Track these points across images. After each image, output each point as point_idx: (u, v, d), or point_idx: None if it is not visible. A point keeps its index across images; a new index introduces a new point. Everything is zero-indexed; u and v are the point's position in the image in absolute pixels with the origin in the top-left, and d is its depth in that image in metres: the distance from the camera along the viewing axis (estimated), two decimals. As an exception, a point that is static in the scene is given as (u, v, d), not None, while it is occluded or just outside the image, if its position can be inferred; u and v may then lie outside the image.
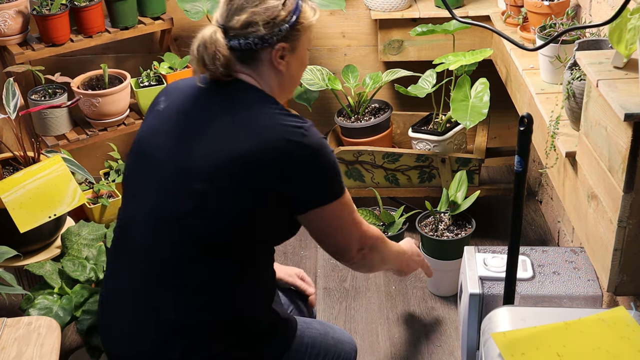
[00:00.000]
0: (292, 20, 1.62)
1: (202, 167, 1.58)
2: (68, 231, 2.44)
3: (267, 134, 1.57)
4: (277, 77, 1.67)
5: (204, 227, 1.58)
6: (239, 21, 1.59)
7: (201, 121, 1.63)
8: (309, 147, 1.58)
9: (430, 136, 2.97)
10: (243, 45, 1.61)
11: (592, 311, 1.73)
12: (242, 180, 1.56)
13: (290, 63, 1.67)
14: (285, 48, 1.64)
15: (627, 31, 1.55)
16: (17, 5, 2.90)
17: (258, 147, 1.56)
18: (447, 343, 2.64)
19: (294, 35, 1.64)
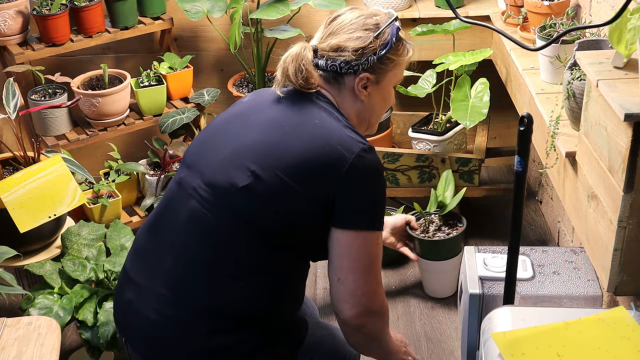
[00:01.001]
0: (381, 53, 1.68)
1: (263, 152, 1.63)
2: (68, 231, 2.44)
3: (332, 140, 1.60)
4: (357, 105, 1.72)
5: (250, 208, 1.61)
6: (330, 44, 1.67)
7: (274, 115, 1.68)
8: (369, 164, 1.61)
9: (430, 136, 2.97)
10: (329, 66, 1.67)
11: (592, 311, 1.73)
12: (295, 175, 1.59)
13: (373, 95, 1.72)
14: (370, 79, 1.69)
15: (627, 31, 1.55)
16: (17, 5, 2.90)
17: (321, 150, 1.60)
18: (447, 343, 2.64)
19: (381, 68, 1.69)
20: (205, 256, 1.64)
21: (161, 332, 1.65)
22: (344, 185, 1.58)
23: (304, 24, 3.26)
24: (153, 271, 1.69)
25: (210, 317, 1.63)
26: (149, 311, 1.67)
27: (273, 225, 1.61)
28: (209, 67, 3.43)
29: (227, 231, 1.62)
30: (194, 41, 3.39)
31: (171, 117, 3.01)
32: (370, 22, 1.69)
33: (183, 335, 1.63)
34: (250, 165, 1.61)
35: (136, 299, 1.70)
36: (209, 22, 3.16)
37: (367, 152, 1.61)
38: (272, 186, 1.59)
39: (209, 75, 3.45)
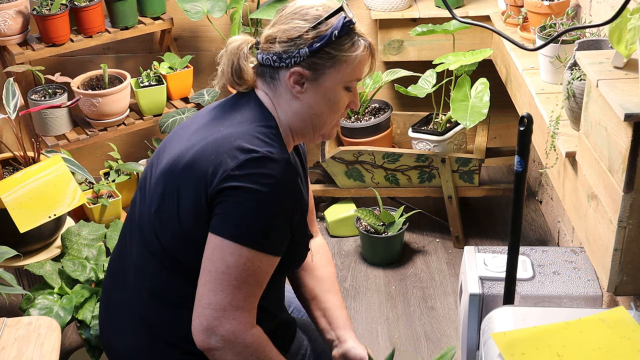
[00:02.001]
0: (314, 46, 1.51)
1: (162, 167, 1.57)
2: (68, 231, 2.44)
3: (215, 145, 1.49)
4: (294, 105, 1.57)
5: (162, 230, 1.55)
6: (265, 35, 1.55)
7: (194, 126, 1.60)
8: (254, 174, 1.46)
9: (430, 136, 2.97)
10: (263, 60, 1.55)
11: (592, 311, 1.73)
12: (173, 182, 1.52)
13: (309, 93, 1.55)
14: (303, 75, 1.53)
15: (627, 31, 1.55)
16: (17, 5, 2.90)
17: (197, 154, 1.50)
18: (447, 343, 2.64)
19: (318, 63, 1.53)
20: (157, 290, 1.60)
21: (135, 356, 1.65)
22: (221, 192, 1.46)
23: (304, 24, 3.26)
24: (122, 296, 1.68)
25: (182, 341, 1.59)
26: (124, 337, 1.66)
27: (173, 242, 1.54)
28: (209, 67, 3.43)
29: (166, 265, 1.57)
30: (194, 41, 3.39)
31: (171, 117, 3.01)
32: (312, 13, 1.52)
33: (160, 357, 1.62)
34: (157, 186, 1.56)
35: (112, 323, 1.71)
36: (209, 22, 3.16)
37: (256, 162, 1.45)
38: (167, 201, 1.53)
39: (209, 75, 3.44)
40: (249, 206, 1.44)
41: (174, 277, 1.57)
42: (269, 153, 1.47)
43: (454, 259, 3.05)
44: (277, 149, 1.50)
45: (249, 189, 1.44)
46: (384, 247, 3.00)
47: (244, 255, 1.45)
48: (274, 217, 1.47)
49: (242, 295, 1.46)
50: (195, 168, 1.49)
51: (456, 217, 3.06)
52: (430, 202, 3.33)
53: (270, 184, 1.45)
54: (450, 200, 3.03)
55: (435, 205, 3.29)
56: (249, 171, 1.45)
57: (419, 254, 3.09)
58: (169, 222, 1.53)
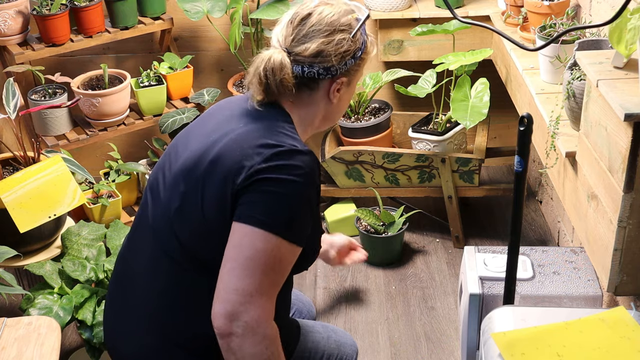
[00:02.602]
0: (358, 55, 1.60)
1: (180, 166, 1.59)
2: (68, 231, 2.44)
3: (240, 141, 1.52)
4: (326, 107, 1.64)
5: (182, 227, 1.56)
6: (307, 49, 1.55)
7: (212, 124, 1.62)
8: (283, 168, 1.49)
9: (430, 136, 2.97)
10: (307, 73, 1.56)
11: (592, 311, 1.73)
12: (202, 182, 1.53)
13: (343, 96, 1.65)
14: (344, 82, 1.61)
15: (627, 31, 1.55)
16: (17, 5, 2.90)
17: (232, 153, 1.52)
18: (447, 343, 2.64)
19: (355, 70, 1.62)
20: (171, 290, 1.60)
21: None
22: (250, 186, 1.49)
23: (304, 24, 3.26)
24: (131, 299, 1.68)
25: (190, 342, 1.60)
26: (131, 340, 1.67)
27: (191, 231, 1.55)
28: (209, 67, 3.43)
29: (183, 264, 1.58)
30: (194, 41, 3.39)
31: (171, 117, 3.01)
32: (344, 22, 1.57)
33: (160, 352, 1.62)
34: (179, 186, 1.57)
35: (119, 326, 1.71)
36: (209, 22, 3.16)
37: (282, 155, 1.49)
38: (191, 200, 1.54)
39: (209, 75, 3.45)
40: (277, 196, 1.47)
41: (192, 276, 1.58)
42: (293, 146, 1.51)
43: (454, 259, 3.05)
44: (299, 142, 1.55)
45: (277, 179, 1.47)
46: (384, 247, 3.00)
47: (272, 242, 1.46)
48: (301, 207, 1.50)
49: (268, 282, 1.47)
50: (220, 164, 1.52)
51: (456, 217, 3.06)
52: (430, 202, 3.33)
53: (298, 174, 1.49)
54: (450, 200, 3.03)
55: (435, 205, 3.29)
56: (276, 163, 1.48)
57: (419, 254, 3.09)
58: (192, 219, 1.55)
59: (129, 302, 1.68)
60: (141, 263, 1.65)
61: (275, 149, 1.49)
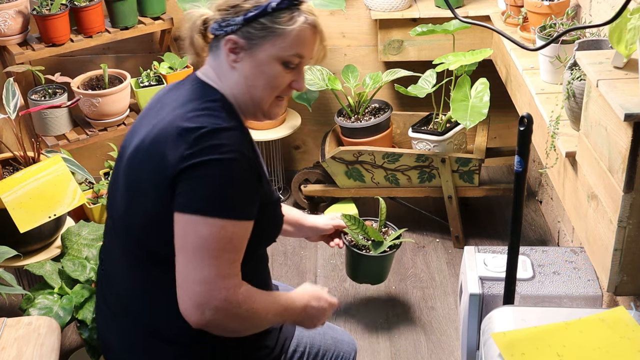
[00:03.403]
0: (249, 15, 1.50)
1: (123, 164, 1.59)
2: (68, 231, 2.43)
3: (164, 133, 1.50)
4: (231, 74, 1.56)
5: (134, 225, 1.56)
6: (214, 5, 1.56)
7: (143, 117, 1.62)
8: (206, 147, 1.46)
9: (430, 136, 2.97)
10: (210, 29, 1.56)
11: (592, 311, 1.73)
12: (132, 173, 1.54)
13: (245, 63, 1.53)
14: (238, 43, 1.52)
15: (627, 31, 1.55)
16: (17, 5, 2.90)
17: (150, 138, 1.52)
18: (447, 343, 2.64)
19: (252, 33, 1.51)
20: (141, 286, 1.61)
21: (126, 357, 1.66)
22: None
23: (304, 24, 3.26)
24: (108, 294, 1.69)
25: (172, 335, 1.59)
26: (113, 337, 1.68)
27: (141, 227, 1.55)
28: (209, 67, 3.43)
29: (144, 260, 1.58)
30: (194, 41, 3.38)
31: (171, 117, 3.01)
32: None
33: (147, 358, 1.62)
34: (124, 184, 1.57)
35: (104, 324, 1.72)
36: (209, 22, 3.15)
37: (206, 136, 1.46)
38: (130, 194, 1.55)
39: (209, 75, 3.45)
40: (209, 178, 1.44)
41: (155, 271, 1.57)
42: (216, 125, 1.47)
43: (454, 259, 3.05)
44: (224, 119, 1.50)
45: (204, 162, 1.44)
46: (363, 266, 2.36)
47: (216, 225, 1.44)
48: (236, 182, 1.46)
49: (225, 262, 1.46)
50: (149, 160, 1.50)
51: (456, 217, 3.06)
52: (430, 202, 3.33)
53: (224, 151, 1.45)
54: (450, 200, 3.03)
55: (435, 205, 3.29)
56: (202, 146, 1.45)
57: (419, 254, 3.09)
58: (139, 216, 1.54)
59: (108, 301, 1.69)
60: (112, 263, 1.67)
61: (197, 132, 1.46)
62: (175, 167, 1.45)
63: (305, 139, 3.59)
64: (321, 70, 3.09)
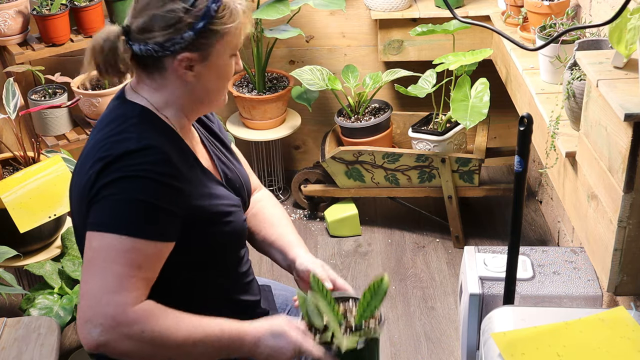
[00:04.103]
0: (198, 27, 1.42)
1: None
2: (68, 231, 2.44)
3: (84, 161, 1.49)
4: (186, 88, 1.49)
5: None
6: (137, 25, 1.43)
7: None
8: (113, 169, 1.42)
9: (430, 136, 2.97)
10: (143, 51, 1.44)
11: (592, 311, 1.73)
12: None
13: (202, 74, 1.48)
14: (192, 59, 1.45)
15: (627, 31, 1.55)
16: (17, 5, 2.90)
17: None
18: (447, 343, 2.64)
19: (204, 44, 1.45)
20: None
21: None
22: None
23: (304, 24, 3.26)
24: None
25: None
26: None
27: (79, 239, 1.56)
28: (209, 67, 3.43)
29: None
30: (194, 41, 3.38)
31: (171, 117, 3.01)
32: None
33: None
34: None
35: None
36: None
37: (112, 163, 1.41)
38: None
39: (209, 75, 3.44)
40: (111, 196, 1.40)
41: None
42: (124, 149, 1.42)
43: (454, 259, 3.05)
44: (136, 140, 1.43)
45: (109, 182, 1.40)
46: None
47: (106, 239, 1.38)
48: (139, 199, 1.39)
49: (113, 277, 1.36)
50: (76, 183, 1.51)
51: (456, 217, 3.06)
52: (430, 202, 3.33)
53: (129, 170, 1.40)
54: (450, 200, 3.03)
55: (435, 205, 3.29)
56: (108, 170, 1.41)
57: (419, 254, 3.09)
58: (77, 230, 1.56)
59: None
60: None
61: (104, 161, 1.42)
62: (87, 195, 1.44)
63: (305, 139, 3.59)
64: (321, 70, 3.09)
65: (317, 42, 3.36)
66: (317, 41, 3.36)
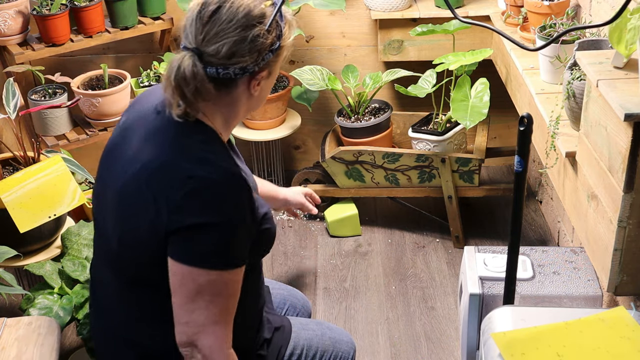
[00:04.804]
0: (275, 48, 1.48)
1: (112, 194, 1.56)
2: (68, 231, 2.43)
3: (161, 172, 1.47)
4: (248, 101, 1.54)
5: (126, 254, 1.55)
6: (220, 51, 1.43)
7: (133, 148, 1.54)
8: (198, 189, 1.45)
9: (430, 136, 2.97)
10: (222, 74, 1.45)
11: (592, 311, 1.73)
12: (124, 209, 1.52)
13: (264, 87, 1.54)
14: (264, 76, 1.51)
15: (627, 31, 1.55)
16: (17, 5, 2.90)
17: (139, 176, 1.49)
18: (447, 343, 2.64)
19: (274, 61, 1.51)
20: (138, 314, 1.62)
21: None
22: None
23: (304, 24, 3.26)
24: (98, 306, 1.71)
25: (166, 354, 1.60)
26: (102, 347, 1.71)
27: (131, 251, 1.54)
28: (209, 67, 3.43)
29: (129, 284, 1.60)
30: (194, 41, 3.39)
31: (171, 117, 3.01)
32: (258, 13, 1.45)
33: None
34: (115, 216, 1.56)
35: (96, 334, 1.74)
36: (209, 22, 3.15)
37: (200, 191, 1.44)
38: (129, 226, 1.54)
39: (209, 75, 3.44)
40: (205, 235, 1.44)
41: (139, 294, 1.59)
42: (207, 177, 1.44)
43: (454, 259, 3.05)
44: (213, 163, 1.47)
45: (198, 219, 1.43)
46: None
47: (213, 275, 1.46)
48: (231, 236, 1.46)
49: (218, 310, 1.48)
50: (143, 196, 1.47)
51: (456, 217, 3.06)
52: (430, 202, 3.33)
53: (217, 208, 1.44)
54: (450, 200, 3.03)
55: (435, 205, 3.29)
56: (193, 202, 1.43)
57: (419, 254, 3.09)
58: (132, 248, 1.53)
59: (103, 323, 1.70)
60: (101, 286, 1.68)
61: (189, 186, 1.43)
62: (168, 213, 1.43)
63: (305, 139, 3.59)
64: (321, 70, 3.09)
65: (317, 42, 3.36)
66: (317, 41, 3.36)
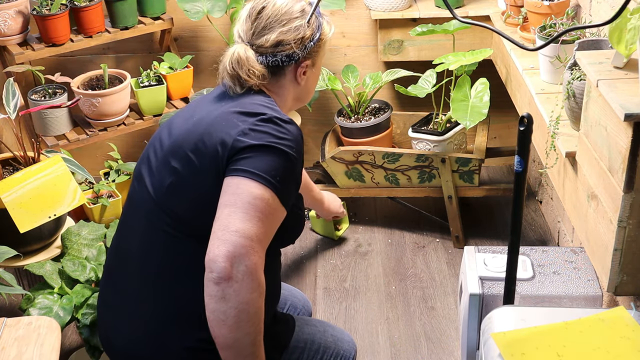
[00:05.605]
0: (315, 38, 1.72)
1: (169, 146, 1.66)
2: (68, 231, 2.43)
3: (225, 116, 1.64)
4: (295, 90, 1.77)
5: (180, 205, 1.62)
6: (268, 40, 1.68)
7: (196, 108, 1.72)
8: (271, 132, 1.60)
9: (430, 136, 2.97)
10: (271, 62, 1.69)
11: (592, 311, 1.73)
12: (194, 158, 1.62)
13: (310, 77, 1.77)
14: (309, 65, 1.74)
15: (627, 31, 1.55)
16: (17, 5, 2.90)
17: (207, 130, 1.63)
18: (447, 343, 2.64)
19: (316, 52, 1.74)
20: (162, 266, 1.65)
21: (137, 350, 1.68)
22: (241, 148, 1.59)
23: (304, 24, 3.26)
24: (123, 291, 1.72)
25: (179, 324, 1.63)
26: (124, 331, 1.70)
27: (191, 213, 1.62)
28: (209, 67, 3.43)
29: (181, 237, 1.63)
30: (194, 41, 3.39)
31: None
32: (297, 9, 1.71)
33: (157, 348, 1.65)
34: (171, 163, 1.64)
35: (113, 319, 1.74)
36: (209, 22, 3.16)
37: (266, 122, 1.61)
38: (185, 177, 1.62)
39: (209, 75, 3.45)
40: (269, 158, 1.56)
41: (190, 247, 1.61)
42: (275, 116, 1.62)
43: (454, 259, 3.05)
44: (282, 113, 1.66)
45: (265, 145, 1.56)
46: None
47: (267, 193, 1.53)
48: (288, 171, 1.58)
49: (264, 230, 1.51)
50: (207, 139, 1.60)
51: (456, 217, 3.06)
52: (430, 202, 3.33)
53: (284, 139, 1.59)
54: (450, 200, 3.03)
55: (435, 205, 3.29)
56: (262, 129, 1.59)
57: (419, 254, 3.09)
58: (187, 193, 1.60)
59: (124, 293, 1.71)
60: (135, 246, 1.70)
61: (258, 117, 1.61)
62: (234, 144, 1.56)
63: (305, 139, 3.59)
64: (321, 70, 3.09)
65: (317, 42, 3.36)
66: (317, 41, 3.35)
